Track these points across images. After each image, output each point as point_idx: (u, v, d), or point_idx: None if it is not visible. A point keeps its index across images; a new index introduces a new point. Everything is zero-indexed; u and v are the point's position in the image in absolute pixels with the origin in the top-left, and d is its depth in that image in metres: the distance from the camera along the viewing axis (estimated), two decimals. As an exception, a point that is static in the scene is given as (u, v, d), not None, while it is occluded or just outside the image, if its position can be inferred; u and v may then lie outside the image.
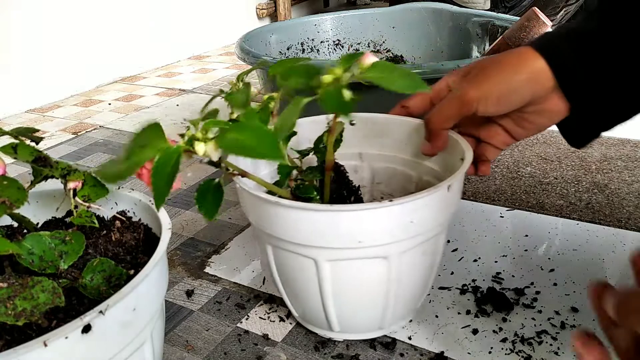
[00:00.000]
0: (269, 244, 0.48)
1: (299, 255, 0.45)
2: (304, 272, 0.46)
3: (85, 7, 1.44)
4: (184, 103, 1.31)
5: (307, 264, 0.45)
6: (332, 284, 0.46)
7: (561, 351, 0.49)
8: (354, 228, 0.42)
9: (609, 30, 0.42)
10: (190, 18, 1.78)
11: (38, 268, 0.37)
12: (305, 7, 2.32)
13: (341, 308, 0.48)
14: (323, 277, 0.45)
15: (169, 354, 0.51)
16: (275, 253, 0.48)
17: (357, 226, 0.42)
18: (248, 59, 0.78)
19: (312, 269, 0.45)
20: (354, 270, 0.45)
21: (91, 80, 1.48)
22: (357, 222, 0.41)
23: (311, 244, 0.43)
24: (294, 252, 0.45)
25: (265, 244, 0.48)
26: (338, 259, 0.44)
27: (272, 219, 0.44)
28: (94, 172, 0.37)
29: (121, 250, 0.44)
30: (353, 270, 0.45)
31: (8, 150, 0.37)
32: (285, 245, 0.45)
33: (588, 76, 0.44)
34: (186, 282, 0.62)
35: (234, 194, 0.83)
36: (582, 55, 0.44)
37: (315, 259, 0.44)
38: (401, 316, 0.52)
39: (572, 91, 0.45)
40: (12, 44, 1.29)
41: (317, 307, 0.48)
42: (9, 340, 0.33)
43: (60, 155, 1.02)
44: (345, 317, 0.49)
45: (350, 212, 0.41)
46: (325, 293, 0.46)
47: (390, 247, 0.43)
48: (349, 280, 0.46)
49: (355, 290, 0.47)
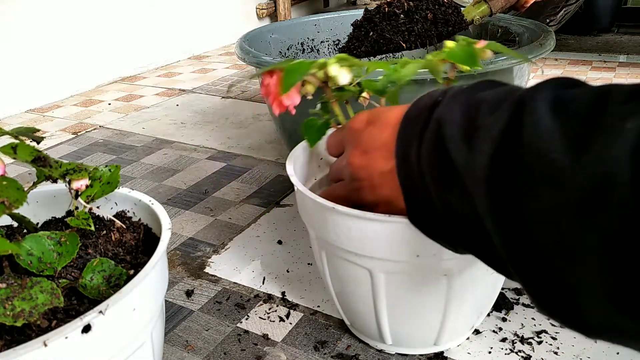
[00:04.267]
0: (323, 250, 0.46)
1: (353, 264, 0.43)
2: (357, 281, 0.44)
3: (85, 7, 1.44)
4: (184, 103, 1.31)
5: (361, 273, 0.43)
6: (387, 296, 0.44)
7: (561, 351, 0.49)
8: (410, 240, 0.39)
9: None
10: (190, 18, 1.78)
11: (36, 269, 0.37)
12: (305, 7, 2.32)
13: (395, 321, 0.46)
14: (377, 288, 0.43)
15: (169, 354, 0.51)
16: (329, 259, 0.46)
17: (414, 238, 0.38)
18: (248, 59, 0.78)
19: (367, 280, 0.43)
20: (411, 285, 0.43)
21: (91, 80, 1.48)
22: (414, 234, 0.38)
23: (365, 254, 0.42)
24: (348, 260, 0.44)
25: (320, 250, 0.47)
26: (394, 272, 0.42)
27: (327, 225, 0.42)
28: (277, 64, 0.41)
29: (121, 250, 0.44)
30: (410, 284, 0.43)
31: (8, 151, 0.37)
32: (339, 252, 0.44)
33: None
34: (186, 282, 0.62)
35: (234, 194, 0.83)
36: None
37: (370, 269, 0.43)
38: (460, 332, 0.50)
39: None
40: (12, 44, 1.29)
41: (370, 318, 0.47)
42: (9, 340, 0.33)
43: (60, 155, 1.02)
44: (398, 330, 0.47)
45: (406, 223, 0.38)
46: (379, 305, 0.45)
47: (450, 263, 0.40)
48: (405, 293, 0.43)
49: (411, 304, 0.44)
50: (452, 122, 0.32)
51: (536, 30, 0.83)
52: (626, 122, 0.22)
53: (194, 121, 1.18)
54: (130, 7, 1.57)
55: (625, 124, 0.22)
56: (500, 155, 0.28)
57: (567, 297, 0.26)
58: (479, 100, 0.32)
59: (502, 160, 0.28)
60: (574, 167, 0.24)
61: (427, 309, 0.45)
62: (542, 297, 0.28)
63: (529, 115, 0.27)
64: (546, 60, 1.49)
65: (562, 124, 0.25)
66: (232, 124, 1.15)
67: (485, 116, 0.30)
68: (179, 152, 1.01)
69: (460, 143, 0.31)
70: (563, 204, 0.24)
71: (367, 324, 0.48)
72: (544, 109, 0.26)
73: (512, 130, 0.27)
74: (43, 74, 1.36)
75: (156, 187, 0.87)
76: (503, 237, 0.28)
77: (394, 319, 0.46)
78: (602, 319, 0.25)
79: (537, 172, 0.26)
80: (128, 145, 1.06)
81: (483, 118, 0.30)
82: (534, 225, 0.26)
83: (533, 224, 0.26)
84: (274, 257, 0.66)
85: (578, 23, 1.67)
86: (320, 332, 0.53)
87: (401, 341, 0.48)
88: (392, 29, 0.78)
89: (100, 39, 1.49)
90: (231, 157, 0.97)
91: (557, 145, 0.25)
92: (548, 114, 0.26)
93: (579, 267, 0.24)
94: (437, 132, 0.32)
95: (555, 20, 1.44)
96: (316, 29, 1.08)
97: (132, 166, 0.95)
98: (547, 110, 0.26)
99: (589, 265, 0.24)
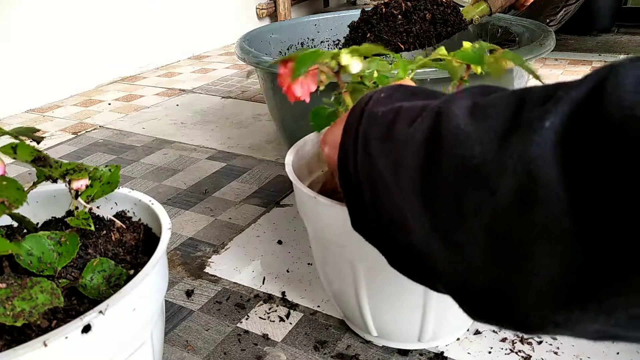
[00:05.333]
0: (314, 241, 0.48)
1: (338, 255, 0.45)
2: (341, 271, 0.46)
3: (85, 7, 1.44)
4: (184, 103, 1.31)
5: (344, 264, 0.45)
6: (367, 289, 0.45)
7: (561, 351, 0.49)
8: None
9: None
10: (190, 18, 1.78)
11: (36, 269, 0.37)
12: (305, 7, 2.32)
13: (377, 314, 0.47)
14: (358, 279, 0.44)
15: (169, 354, 0.51)
16: (320, 249, 0.48)
17: None
18: (248, 59, 0.78)
19: (349, 270, 0.45)
20: (391, 279, 0.43)
21: (91, 80, 1.48)
22: None
23: (345, 245, 0.43)
24: (333, 251, 0.45)
25: (313, 241, 0.49)
26: (373, 264, 0.43)
27: (313, 214, 0.44)
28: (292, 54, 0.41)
29: (121, 250, 0.44)
30: (389, 278, 0.43)
31: (8, 151, 0.37)
32: (326, 242, 0.45)
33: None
34: (186, 282, 0.62)
35: (234, 194, 0.83)
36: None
37: (351, 260, 0.44)
38: (448, 332, 0.50)
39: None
40: (12, 44, 1.29)
41: (354, 308, 0.48)
42: (9, 340, 0.33)
43: (60, 155, 1.02)
44: (381, 323, 0.48)
45: None
46: (361, 296, 0.45)
47: None
48: (385, 287, 0.44)
49: (391, 298, 0.45)
50: (375, 138, 0.32)
51: (536, 30, 0.83)
52: (544, 121, 0.23)
53: (194, 121, 1.18)
54: (130, 6, 1.57)
55: (544, 122, 0.23)
56: (425, 164, 0.28)
57: (506, 302, 0.26)
58: (398, 113, 0.32)
59: (427, 169, 0.28)
60: (499, 169, 0.24)
61: (406, 304, 0.46)
62: (477, 305, 0.28)
63: (447, 123, 0.27)
64: (546, 60, 1.49)
65: (481, 128, 0.25)
66: (232, 124, 1.15)
67: (404, 130, 0.30)
68: (179, 152, 1.01)
69: (385, 158, 0.31)
70: (494, 207, 0.24)
71: (354, 315, 0.49)
72: (462, 116, 0.26)
73: (433, 141, 0.27)
74: (43, 74, 1.36)
75: (156, 187, 0.87)
76: (435, 246, 0.28)
77: (375, 311, 0.47)
78: (539, 318, 0.25)
79: (465, 180, 0.25)
80: (128, 145, 1.06)
81: (402, 132, 0.30)
82: (469, 233, 0.26)
83: (468, 232, 0.26)
84: (274, 257, 0.66)
85: (578, 23, 1.67)
86: (320, 332, 0.53)
87: (384, 334, 0.49)
88: (390, 30, 0.78)
89: (100, 39, 1.49)
90: (231, 157, 0.97)
91: (477, 150, 0.25)
92: (465, 120, 0.26)
93: (521, 270, 0.24)
94: (364, 148, 0.32)
95: (555, 20, 1.44)
96: (316, 29, 1.08)
97: (132, 166, 0.95)
98: (465, 116, 0.26)
99: (529, 267, 0.24)
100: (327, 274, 0.49)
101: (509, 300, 0.25)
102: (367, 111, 0.34)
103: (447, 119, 0.27)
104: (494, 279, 0.26)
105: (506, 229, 0.24)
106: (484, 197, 0.25)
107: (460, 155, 0.26)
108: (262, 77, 0.84)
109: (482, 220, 0.25)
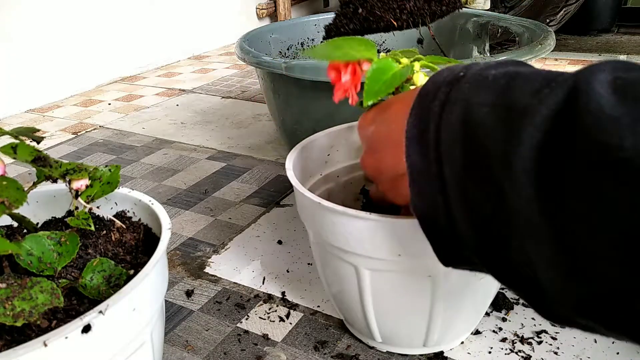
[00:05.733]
0: (316, 245, 0.47)
1: (341, 259, 0.44)
2: (345, 277, 0.45)
3: (85, 7, 1.44)
4: (184, 103, 1.31)
5: (349, 269, 0.44)
6: (372, 294, 0.44)
7: (561, 351, 0.49)
8: (391, 239, 0.38)
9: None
10: (190, 18, 1.78)
11: (36, 269, 0.37)
12: (305, 7, 2.32)
13: (382, 319, 0.46)
14: (363, 285, 0.43)
15: (169, 354, 0.51)
16: (322, 255, 0.47)
17: (395, 237, 0.38)
18: (248, 59, 0.78)
19: (353, 276, 0.44)
20: (395, 284, 0.43)
21: (91, 80, 1.48)
22: (395, 234, 0.38)
23: (350, 250, 0.42)
24: (336, 256, 0.44)
25: (314, 245, 0.48)
26: (377, 270, 0.42)
27: (317, 219, 0.43)
28: (306, 53, 0.38)
29: (121, 250, 0.44)
30: (394, 283, 0.43)
31: (8, 151, 0.37)
32: (329, 247, 0.44)
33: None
34: (186, 282, 0.62)
35: (234, 194, 0.83)
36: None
37: (355, 265, 0.43)
38: (454, 336, 0.49)
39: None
40: (12, 44, 1.29)
41: (359, 314, 0.47)
42: (9, 340, 0.33)
43: (60, 155, 1.02)
44: (386, 328, 0.47)
45: (387, 222, 0.37)
46: (366, 302, 0.45)
47: (434, 264, 0.38)
48: (389, 292, 0.43)
49: (396, 303, 0.44)
50: (481, 104, 0.27)
51: (536, 30, 0.83)
52: None
53: (194, 121, 1.18)
54: (130, 7, 1.57)
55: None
56: (550, 147, 0.23)
57: (628, 304, 0.22)
58: (513, 78, 0.27)
59: (553, 153, 0.23)
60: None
61: (412, 310, 0.44)
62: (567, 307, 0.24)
63: (586, 101, 0.22)
64: (546, 60, 1.49)
65: (633, 114, 0.21)
66: (232, 124, 1.15)
67: (526, 99, 0.25)
68: (179, 152, 1.01)
69: (493, 130, 0.26)
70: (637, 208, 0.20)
71: (358, 321, 0.48)
72: (606, 95, 0.22)
73: (565, 118, 0.23)
74: (43, 74, 1.36)
75: (156, 187, 0.87)
76: (547, 238, 0.24)
77: (380, 316, 0.46)
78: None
79: (603, 173, 0.21)
80: (128, 145, 1.06)
81: (522, 101, 0.25)
82: (593, 232, 0.22)
83: (593, 230, 0.22)
84: (274, 257, 0.66)
85: (578, 23, 1.67)
86: (320, 332, 0.53)
87: (389, 340, 0.49)
88: (383, 5, 0.74)
89: (100, 39, 1.49)
90: (231, 157, 0.97)
91: (628, 141, 0.21)
92: (611, 101, 0.22)
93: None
94: (462, 115, 0.28)
95: (555, 20, 1.44)
96: (316, 29, 1.08)
97: (132, 166, 0.95)
98: (609, 96, 0.22)
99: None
100: (327, 277, 0.49)
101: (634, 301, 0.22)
102: (469, 74, 0.29)
103: (586, 97, 0.23)
104: (622, 287, 0.22)
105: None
106: (628, 198, 0.21)
107: (603, 142, 0.21)
108: (262, 77, 0.84)
109: (620, 222, 0.21)
